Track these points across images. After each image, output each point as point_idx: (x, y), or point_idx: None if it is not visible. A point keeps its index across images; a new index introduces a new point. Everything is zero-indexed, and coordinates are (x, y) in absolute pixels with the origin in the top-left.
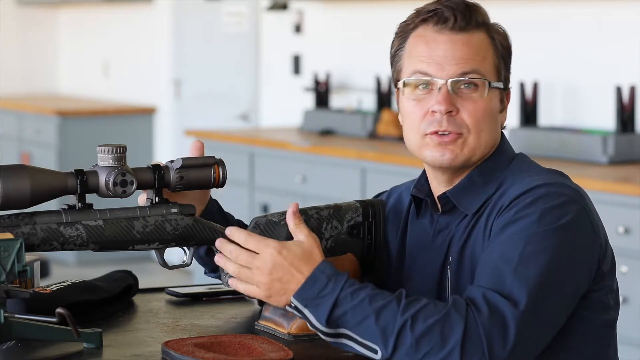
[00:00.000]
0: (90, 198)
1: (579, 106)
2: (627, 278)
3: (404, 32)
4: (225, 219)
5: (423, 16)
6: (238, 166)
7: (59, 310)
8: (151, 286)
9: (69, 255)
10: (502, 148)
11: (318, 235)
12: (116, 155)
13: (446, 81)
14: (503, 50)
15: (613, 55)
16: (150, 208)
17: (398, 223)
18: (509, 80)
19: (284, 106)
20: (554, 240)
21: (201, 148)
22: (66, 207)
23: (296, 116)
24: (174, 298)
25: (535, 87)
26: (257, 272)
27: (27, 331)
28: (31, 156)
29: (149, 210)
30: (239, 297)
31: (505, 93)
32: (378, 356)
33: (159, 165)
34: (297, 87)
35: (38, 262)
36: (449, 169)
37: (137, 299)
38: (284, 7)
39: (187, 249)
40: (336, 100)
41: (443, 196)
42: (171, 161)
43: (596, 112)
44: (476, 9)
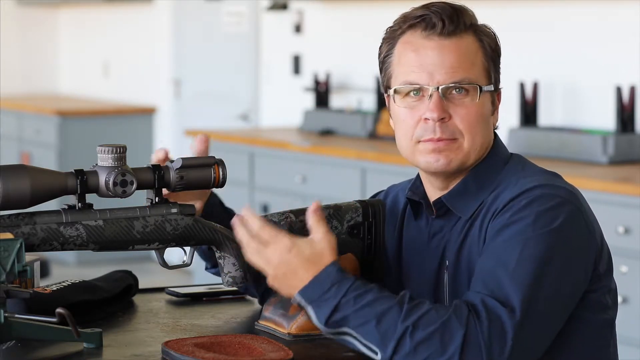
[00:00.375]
0: (90, 198)
1: (579, 106)
2: (627, 278)
3: (392, 38)
4: (226, 213)
5: (410, 22)
6: (238, 166)
7: (59, 310)
8: (151, 286)
9: (69, 255)
10: (496, 150)
11: None
12: (116, 155)
13: (437, 88)
14: (492, 52)
15: (613, 55)
16: (150, 208)
17: (394, 223)
18: (499, 81)
19: (284, 106)
20: (550, 242)
21: (206, 141)
22: (66, 207)
23: (296, 116)
24: (174, 298)
25: (535, 87)
26: (264, 262)
27: (27, 331)
28: (31, 156)
29: (149, 210)
30: (239, 297)
31: (496, 94)
32: (378, 357)
33: (159, 165)
34: (297, 87)
35: (38, 262)
36: (443, 174)
37: (137, 299)
38: (284, 7)
39: (187, 249)
40: (336, 100)
41: (438, 201)
42: (171, 161)
43: (596, 112)
44: (463, 12)
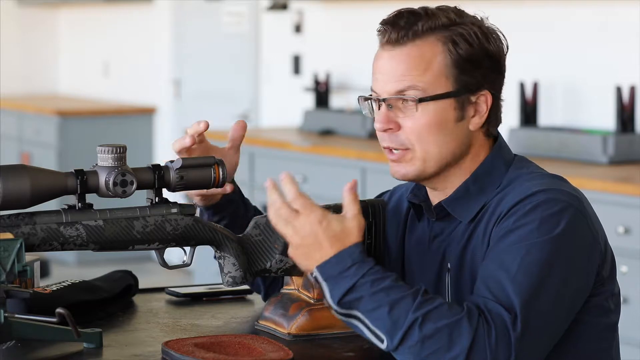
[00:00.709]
0: (90, 198)
1: (579, 106)
2: (627, 278)
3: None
4: (244, 204)
5: (377, 31)
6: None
7: (59, 310)
8: (151, 286)
9: (69, 255)
10: (498, 152)
11: None
12: (116, 155)
13: (381, 99)
14: (466, 54)
15: (613, 55)
16: (150, 208)
17: (398, 223)
18: (481, 84)
19: (284, 106)
20: (553, 248)
21: (244, 127)
22: (66, 207)
23: (296, 116)
24: (174, 298)
25: (535, 87)
26: (292, 231)
27: (27, 331)
28: (31, 156)
29: (149, 210)
30: (239, 297)
31: (475, 96)
32: (384, 345)
33: (159, 165)
34: (297, 87)
35: (38, 262)
36: (414, 181)
37: (137, 299)
38: (284, 7)
39: (187, 249)
40: (336, 100)
41: (438, 205)
42: (171, 161)
43: (596, 112)
44: (422, 16)
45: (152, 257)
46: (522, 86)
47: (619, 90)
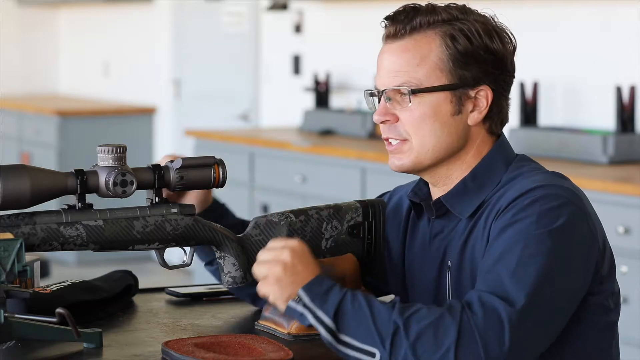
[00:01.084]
0: (90, 198)
1: (579, 106)
2: (627, 278)
3: None
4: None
5: (381, 24)
6: (238, 166)
7: (59, 310)
8: (151, 286)
9: (69, 255)
10: (498, 149)
11: (318, 235)
12: (116, 155)
13: (380, 92)
14: (464, 49)
15: (613, 55)
16: (150, 208)
17: (399, 223)
18: (480, 79)
19: (284, 106)
20: (552, 242)
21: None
22: (66, 207)
23: (296, 116)
24: (174, 298)
25: (535, 87)
26: (282, 265)
27: (27, 331)
28: (31, 156)
29: (149, 210)
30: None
31: (474, 91)
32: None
33: (159, 165)
34: (297, 87)
35: (38, 262)
36: (412, 172)
37: (137, 299)
38: (284, 7)
39: (187, 249)
40: (336, 100)
41: (437, 201)
42: (171, 161)
43: (596, 112)
44: (425, 11)
45: (152, 257)
46: (522, 86)
47: (619, 90)
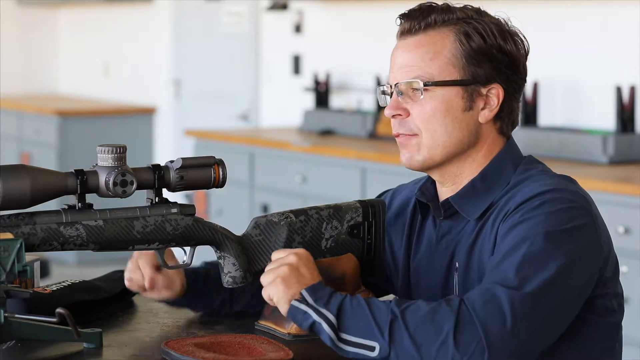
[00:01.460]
0: (90, 198)
1: (579, 106)
2: (627, 278)
3: None
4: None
5: (396, 22)
6: (238, 166)
7: (59, 310)
8: None
9: (69, 255)
10: (508, 151)
11: (318, 235)
12: (116, 155)
13: (392, 86)
14: (477, 47)
15: (613, 55)
16: (150, 208)
17: (403, 223)
18: (492, 77)
19: (284, 106)
20: (558, 242)
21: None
22: (66, 207)
23: (296, 116)
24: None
25: (535, 87)
26: (289, 267)
27: (27, 331)
28: (31, 156)
29: (149, 210)
30: None
31: (486, 89)
32: (375, 353)
33: (159, 165)
34: (297, 87)
35: (38, 262)
36: (421, 169)
37: (137, 299)
38: (284, 7)
39: (187, 249)
40: (336, 100)
41: (445, 202)
42: (171, 161)
43: (596, 112)
44: (441, 9)
45: None
46: None
47: (619, 90)
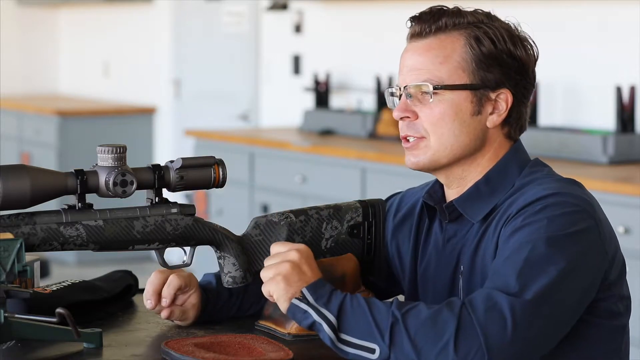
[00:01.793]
0: (90, 198)
1: (579, 106)
2: (627, 278)
3: None
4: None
5: (407, 25)
6: (238, 166)
7: (59, 310)
8: None
9: (69, 255)
10: (513, 154)
11: (318, 235)
12: (116, 155)
13: (402, 88)
14: (488, 52)
15: (613, 55)
16: (150, 208)
17: (410, 227)
18: (502, 82)
19: (284, 106)
20: (561, 247)
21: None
22: (66, 207)
23: (296, 116)
24: None
25: (535, 87)
26: (290, 264)
27: (27, 331)
28: (31, 156)
29: (149, 210)
30: None
31: (495, 94)
32: (375, 355)
33: (159, 165)
34: (297, 87)
35: (38, 262)
36: (428, 171)
37: (137, 299)
38: (284, 7)
39: (187, 249)
40: (336, 100)
41: (449, 205)
42: (171, 161)
43: (596, 112)
44: (451, 13)
45: (152, 257)
46: None
47: (619, 90)
